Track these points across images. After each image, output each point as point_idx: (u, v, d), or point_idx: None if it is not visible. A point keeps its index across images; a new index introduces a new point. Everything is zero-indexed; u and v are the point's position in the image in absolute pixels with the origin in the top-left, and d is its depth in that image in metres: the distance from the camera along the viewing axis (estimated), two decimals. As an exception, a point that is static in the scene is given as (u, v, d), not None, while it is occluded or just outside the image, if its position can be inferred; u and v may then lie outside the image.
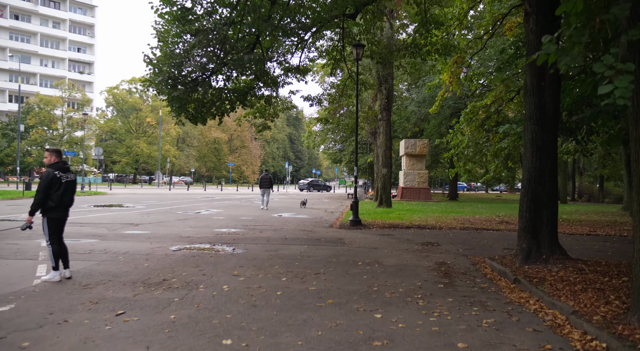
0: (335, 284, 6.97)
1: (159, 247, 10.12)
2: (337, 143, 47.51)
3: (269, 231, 13.56)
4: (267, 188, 23.30)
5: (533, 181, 8.79)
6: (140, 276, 7.24)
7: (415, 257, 9.64)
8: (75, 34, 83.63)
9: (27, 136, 58.49)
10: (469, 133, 19.16)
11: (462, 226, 15.98)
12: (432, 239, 12.44)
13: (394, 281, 7.23)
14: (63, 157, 7.11)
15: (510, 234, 13.90)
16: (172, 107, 11.15)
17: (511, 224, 16.89)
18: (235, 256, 9.20)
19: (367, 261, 9.06)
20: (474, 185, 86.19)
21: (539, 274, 7.42)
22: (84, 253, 9.10)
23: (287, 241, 11.54)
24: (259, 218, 17.98)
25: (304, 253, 9.78)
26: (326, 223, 16.89)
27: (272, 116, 17.45)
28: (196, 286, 6.67)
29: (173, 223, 15.35)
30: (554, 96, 8.90)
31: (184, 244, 10.67)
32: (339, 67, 17.91)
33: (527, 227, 8.74)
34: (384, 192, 24.16)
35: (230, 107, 12.11)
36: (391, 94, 24.25)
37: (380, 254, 9.95)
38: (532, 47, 8.96)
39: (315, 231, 14.11)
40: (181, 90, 10.53)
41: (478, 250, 10.75)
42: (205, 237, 11.94)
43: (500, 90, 18.68)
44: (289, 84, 17.89)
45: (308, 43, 16.98)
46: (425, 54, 14.19)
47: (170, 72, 10.34)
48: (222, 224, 15.12)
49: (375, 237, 12.82)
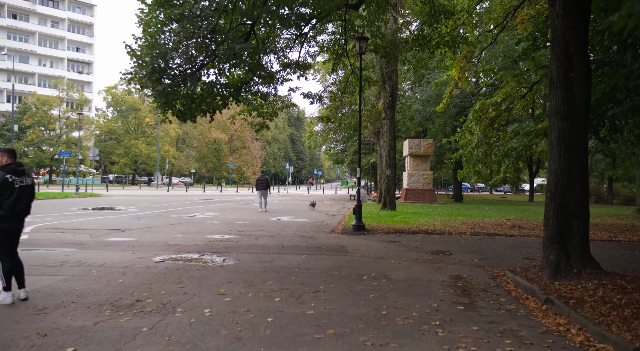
0: (337, 306, 5.95)
1: (141, 258, 9.10)
2: (339, 143, 46.47)
3: (265, 238, 12.54)
4: (263, 190, 22.65)
5: (561, 185, 7.75)
6: (110, 295, 6.23)
7: (427, 269, 8.61)
8: (74, 34, 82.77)
9: (24, 136, 57.51)
10: (479, 132, 18.13)
11: (473, 231, 14.95)
12: (443, 247, 11.41)
13: (405, 302, 6.21)
14: (18, 158, 6.10)
15: (526, 241, 12.86)
16: (157, 103, 10.14)
17: (524, 228, 15.85)
18: (225, 269, 8.18)
19: (373, 274, 8.03)
20: (477, 186, 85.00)
21: (574, 293, 6.38)
22: (54, 266, 8.08)
23: (284, 250, 10.52)
24: (256, 222, 16.96)
25: (302, 265, 8.76)
26: (327, 227, 15.87)
27: (270, 114, 16.46)
28: (173, 309, 5.66)
29: (163, 228, 14.34)
30: (584, 88, 7.87)
31: (169, 254, 9.65)
32: (341, 63, 16.91)
33: (554, 236, 7.71)
34: (388, 194, 23.12)
35: (222, 103, 11.08)
36: (395, 92, 23.21)
37: (387, 265, 8.92)
38: (559, 33, 7.93)
39: (316, 237, 13.09)
40: (167, 84, 9.53)
41: (495, 260, 9.72)
42: (195, 245, 10.92)
43: (511, 86, 17.65)
44: (289, 80, 16.90)
45: (308, 37, 15.99)
46: (433, 46, 13.17)
47: (154, 64, 9.33)
48: (216, 230, 14.10)
49: (380, 244, 11.79)
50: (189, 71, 9.94)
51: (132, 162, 68.81)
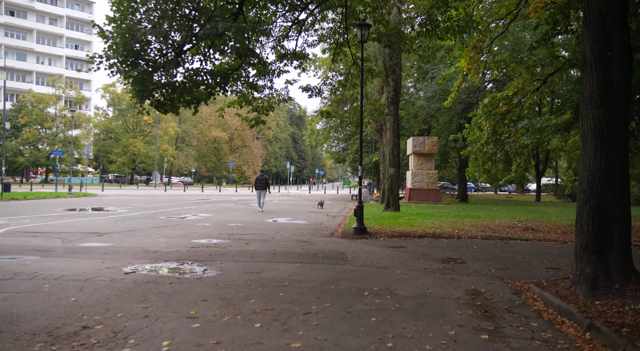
0: (330, 335, 4.78)
1: (109, 268, 7.94)
2: (341, 142, 45.29)
3: (257, 243, 11.38)
4: (262, 190, 22.11)
5: (597, 184, 6.56)
6: (52, 320, 5.07)
7: (438, 281, 7.43)
8: (72, 31, 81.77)
9: (19, 134, 56.40)
10: (488, 128, 16.94)
11: (484, 234, 13.76)
12: (454, 254, 10.22)
13: (415, 328, 5.04)
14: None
15: (544, 247, 11.67)
16: (133, 92, 8.98)
17: (538, 231, 14.66)
18: (203, 282, 7.01)
19: (375, 288, 6.86)
20: (481, 185, 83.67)
21: (623, 317, 5.20)
22: (2, 280, 6.92)
23: (275, 257, 9.35)
24: (251, 224, 15.80)
25: (293, 276, 7.58)
26: (326, 230, 14.70)
27: (266, 109, 15.31)
28: (124, 340, 4.49)
29: (147, 231, 13.18)
30: (624, 70, 6.67)
31: (144, 263, 8.49)
32: (342, 54, 15.74)
33: (590, 245, 6.52)
34: (391, 194, 21.92)
35: (207, 93, 9.90)
36: (399, 87, 22.00)
37: (392, 277, 7.75)
38: (594, 6, 6.74)
39: (313, 241, 11.92)
40: (143, 69, 8.36)
41: (514, 270, 8.53)
42: (177, 252, 9.76)
43: (524, 79, 16.44)
44: (286, 72, 15.74)
45: (306, 24, 14.83)
46: (443, 31, 11.96)
47: (127, 46, 8.17)
48: (205, 233, 12.95)
49: (383, 250, 10.61)
50: (169, 55, 8.77)
51: (130, 161, 67.68)
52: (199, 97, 9.86)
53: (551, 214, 22.44)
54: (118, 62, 8.39)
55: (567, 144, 18.61)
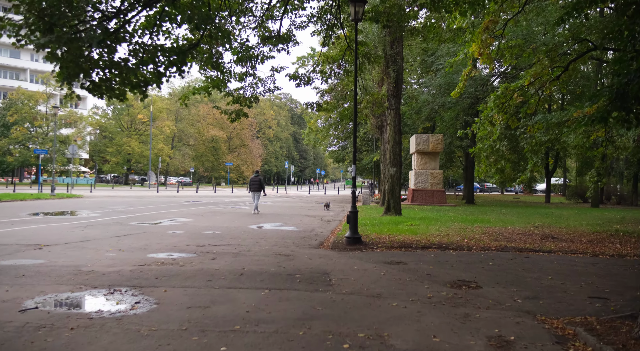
0: None
1: (6, 301, 5.95)
2: (340, 140, 43.34)
3: (226, 257, 9.38)
4: (256, 191, 21.02)
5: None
6: None
7: (448, 320, 5.44)
8: (68, 28, 79.91)
9: (8, 133, 54.52)
10: (501, 122, 14.87)
11: (498, 244, 11.75)
12: (465, 273, 8.21)
13: None
14: None
15: (574, 262, 9.65)
16: (58, 69, 6.99)
17: (560, 241, 12.64)
18: (120, 327, 5.02)
19: (362, 335, 4.87)
20: (486, 185, 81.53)
21: None
22: None
23: (239, 280, 7.35)
24: (230, 231, 13.81)
25: (252, 313, 5.59)
26: (316, 239, 12.71)
27: (249, 101, 13.40)
28: None
29: (101, 242, 11.18)
30: None
31: (62, 291, 6.49)
32: (334, 34, 13.79)
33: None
34: (392, 196, 19.90)
35: (157, 73, 7.89)
36: (401, 78, 19.97)
37: (386, 312, 5.75)
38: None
39: (295, 255, 9.91)
40: (59, 34, 6.36)
41: (547, 299, 6.51)
42: (117, 272, 7.76)
43: (542, 65, 14.38)
44: (271, 58, 13.84)
45: (294, 2, 12.86)
46: (451, 4, 9.95)
47: (36, 3, 6.19)
48: (169, 245, 10.95)
49: (379, 268, 8.59)
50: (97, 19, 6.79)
51: (125, 161, 65.75)
52: (147, 80, 7.86)
53: (567, 217, 20.39)
54: (25, 25, 6.39)
55: (589, 140, 16.56)
